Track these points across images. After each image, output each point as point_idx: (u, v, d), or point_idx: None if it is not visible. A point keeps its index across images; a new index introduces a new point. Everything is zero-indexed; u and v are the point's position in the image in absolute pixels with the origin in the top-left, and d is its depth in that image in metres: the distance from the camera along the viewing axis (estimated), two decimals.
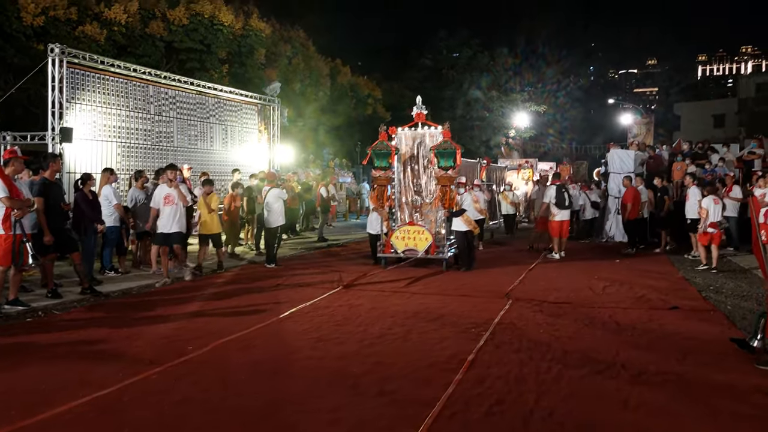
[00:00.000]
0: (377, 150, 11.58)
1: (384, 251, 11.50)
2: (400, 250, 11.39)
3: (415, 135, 12.22)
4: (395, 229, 11.60)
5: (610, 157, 16.61)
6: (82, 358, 5.82)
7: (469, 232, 11.20)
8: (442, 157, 11.02)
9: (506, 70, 41.67)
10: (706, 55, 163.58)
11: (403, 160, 12.20)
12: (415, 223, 11.65)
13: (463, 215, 11.08)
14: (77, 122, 12.42)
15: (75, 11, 17.56)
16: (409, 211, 12.21)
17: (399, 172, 12.23)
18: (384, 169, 11.56)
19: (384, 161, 11.56)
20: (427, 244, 11.23)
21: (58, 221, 8.43)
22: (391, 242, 11.46)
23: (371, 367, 5.41)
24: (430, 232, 11.37)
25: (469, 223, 11.08)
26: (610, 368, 5.37)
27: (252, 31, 23.51)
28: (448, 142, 11.12)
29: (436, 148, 11.13)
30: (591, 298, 8.52)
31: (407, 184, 12.30)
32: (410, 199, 12.23)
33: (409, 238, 11.38)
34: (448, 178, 10.97)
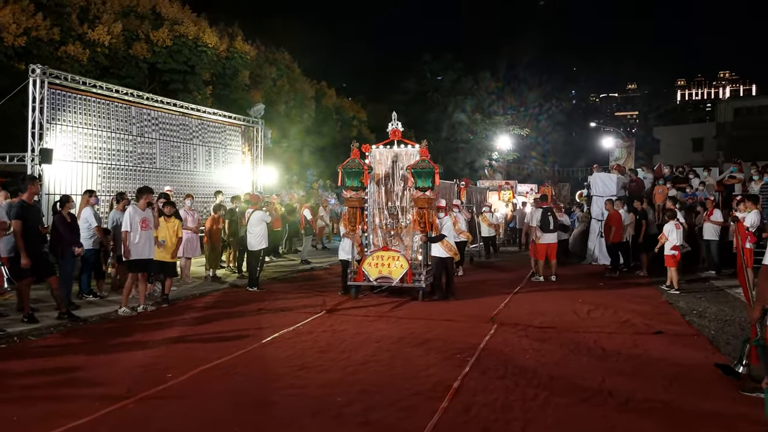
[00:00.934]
0: (348, 168, 10.71)
1: (355, 279, 10.57)
2: (372, 277, 10.43)
3: (391, 153, 11.39)
4: (368, 254, 10.71)
5: (593, 180, 16.75)
6: (57, 386, 5.64)
7: (448, 259, 10.51)
8: (420, 177, 10.20)
9: (489, 94, 42.16)
10: (685, 80, 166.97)
11: (377, 180, 11.32)
12: (389, 248, 10.76)
13: (443, 241, 10.41)
14: (57, 143, 12.26)
15: (58, 32, 17.47)
16: (383, 236, 11.27)
17: (373, 192, 11.32)
18: (356, 190, 10.69)
19: (356, 181, 10.67)
20: (402, 271, 10.35)
21: (36, 244, 8.25)
22: (363, 269, 10.52)
23: (356, 396, 5.30)
24: (406, 259, 10.49)
25: (449, 249, 10.44)
26: (596, 395, 5.32)
27: (236, 53, 23.56)
28: (425, 161, 10.29)
29: (413, 168, 10.29)
30: (576, 323, 8.50)
31: (382, 206, 11.34)
32: (385, 222, 11.31)
33: (383, 265, 10.45)
34: (426, 200, 10.19)
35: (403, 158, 11.24)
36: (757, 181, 14.41)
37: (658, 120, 74.91)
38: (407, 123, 40.16)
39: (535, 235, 12.89)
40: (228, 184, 17.09)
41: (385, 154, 11.41)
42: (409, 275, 10.34)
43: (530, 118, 44.31)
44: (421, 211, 10.22)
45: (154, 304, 9.56)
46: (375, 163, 11.32)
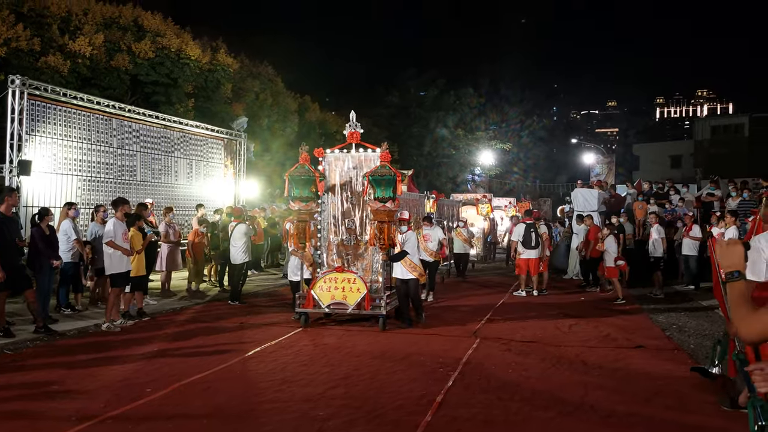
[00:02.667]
0: (296, 176, 9.28)
1: (304, 305, 9.10)
2: (324, 303, 8.97)
3: (349, 159, 9.91)
4: (319, 277, 9.22)
5: (575, 195, 16.93)
6: (33, 401, 5.51)
7: (412, 281, 9.30)
8: (379, 185, 8.80)
9: (471, 109, 42.58)
10: (664, 98, 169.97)
11: (332, 190, 9.88)
12: (344, 269, 9.28)
13: (406, 259, 9.18)
14: (36, 155, 12.11)
15: (38, 42, 17.30)
16: (338, 254, 9.74)
17: (327, 204, 9.85)
18: (305, 200, 9.27)
19: (305, 190, 9.29)
20: (359, 296, 8.88)
21: (13, 257, 8.10)
22: (312, 294, 9.03)
23: (338, 410, 5.26)
24: (363, 281, 9.03)
25: (413, 269, 9.22)
26: (578, 409, 5.33)
27: (219, 65, 23.52)
28: (386, 167, 8.87)
29: (372, 175, 8.86)
30: (558, 337, 8.53)
31: (338, 220, 9.86)
32: (341, 238, 9.77)
33: (336, 289, 9.00)
34: (387, 213, 8.73)
35: (363, 164, 9.76)
36: (735, 198, 14.65)
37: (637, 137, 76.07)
38: (390, 137, 40.53)
39: (516, 250, 12.97)
40: (209, 197, 16.99)
41: (342, 160, 9.88)
42: (367, 301, 8.89)
43: (512, 134, 44.83)
44: (380, 226, 8.81)
45: (131, 319, 9.43)
46: (330, 169, 9.86)
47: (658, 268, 12.65)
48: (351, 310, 8.99)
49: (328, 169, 9.90)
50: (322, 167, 9.83)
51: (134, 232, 9.49)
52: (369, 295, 8.94)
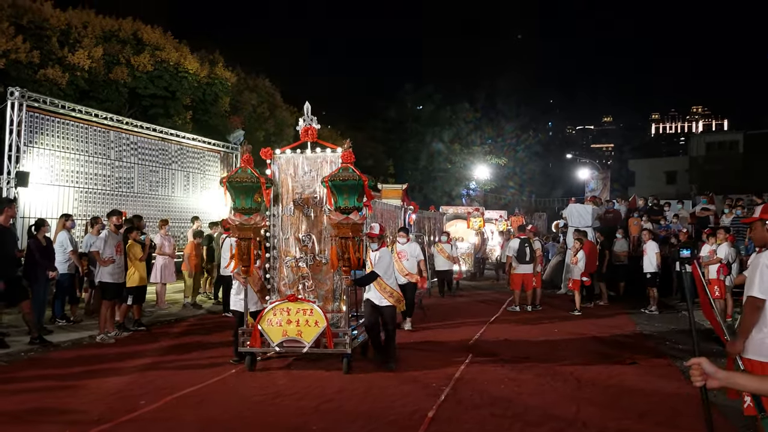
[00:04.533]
0: (235, 182, 7.31)
1: (249, 343, 7.29)
2: (274, 341, 7.17)
3: (304, 161, 8.00)
4: (268, 307, 7.38)
5: (569, 211, 17.03)
6: (27, 412, 5.53)
7: (386, 309, 7.55)
8: (340, 192, 7.03)
9: (467, 123, 42.81)
10: (659, 114, 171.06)
11: (284, 199, 8.03)
12: (299, 297, 7.43)
13: (379, 282, 7.48)
14: (34, 166, 12.14)
15: (38, 54, 17.38)
16: (294, 277, 7.88)
17: (278, 216, 8.02)
18: (248, 212, 7.36)
19: (248, 200, 7.35)
20: (317, 331, 7.09)
21: (10, 268, 8.13)
22: (260, 329, 7.21)
23: (331, 424, 5.28)
24: (323, 313, 7.17)
25: (389, 295, 7.53)
26: (571, 426, 5.35)
27: (217, 79, 23.64)
28: (349, 170, 7.03)
29: (331, 180, 7.02)
30: (551, 353, 8.55)
31: (290, 236, 7.97)
32: (297, 258, 7.89)
33: (289, 323, 7.17)
34: (351, 227, 7.01)
35: (322, 167, 7.90)
36: (728, 214, 14.76)
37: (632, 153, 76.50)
38: (386, 152, 40.67)
39: (510, 265, 13.03)
40: (206, 209, 17.02)
41: (295, 162, 8.04)
42: (328, 336, 7.10)
43: (508, 148, 45.06)
44: (343, 243, 7.06)
45: (126, 331, 9.45)
46: (281, 174, 8.04)
47: (652, 284, 12.72)
48: (308, 349, 7.15)
49: (279, 174, 8.04)
50: (271, 171, 8.00)
51: (131, 244, 9.54)
52: (330, 329, 7.15)
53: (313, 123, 7.93)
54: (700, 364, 2.39)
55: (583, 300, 13.36)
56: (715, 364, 2.40)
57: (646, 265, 12.73)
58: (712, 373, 2.37)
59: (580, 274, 12.59)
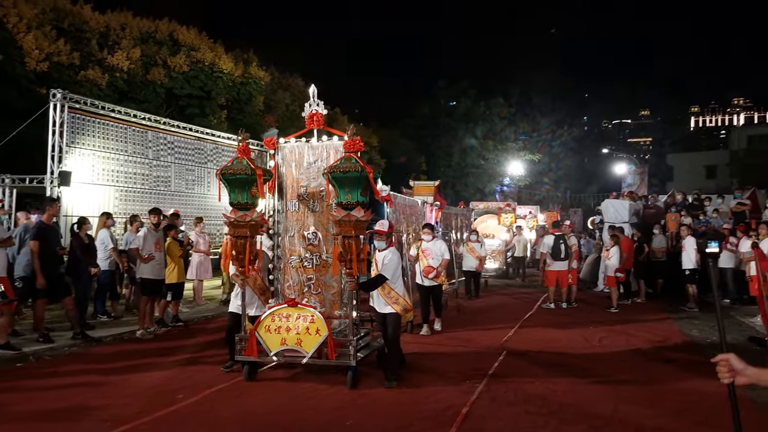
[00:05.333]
0: (230, 174, 6.54)
1: (245, 352, 6.62)
2: (272, 350, 6.51)
3: (310, 151, 7.30)
4: (266, 312, 6.69)
5: (605, 206, 16.74)
6: (70, 405, 5.70)
7: (391, 316, 6.67)
8: (342, 185, 6.28)
9: (501, 119, 42.44)
10: (699, 107, 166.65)
11: (288, 193, 7.38)
12: (299, 302, 6.72)
13: (385, 287, 6.63)
14: (76, 166, 12.50)
15: (78, 57, 17.89)
16: (299, 279, 7.25)
17: (282, 212, 7.39)
18: (244, 208, 6.62)
19: (244, 194, 6.61)
20: (318, 340, 6.37)
21: (53, 265, 8.40)
22: (257, 337, 6.56)
23: (365, 419, 5.32)
24: (324, 320, 6.47)
25: (393, 302, 6.64)
26: (607, 424, 5.28)
27: (251, 78, 23.97)
28: (352, 160, 6.23)
29: (331, 171, 6.28)
30: (587, 350, 8.44)
31: (295, 233, 7.32)
32: (302, 257, 7.25)
33: (288, 330, 6.48)
34: (353, 224, 6.23)
35: (327, 156, 7.20)
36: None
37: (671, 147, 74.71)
38: (418, 149, 40.58)
39: (545, 262, 12.89)
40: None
41: (299, 152, 7.35)
42: (330, 347, 6.37)
43: (543, 144, 44.49)
44: (345, 242, 6.30)
45: (164, 327, 9.66)
46: (285, 165, 7.42)
47: (691, 281, 12.44)
48: (308, 359, 6.44)
49: (284, 165, 7.41)
50: (275, 162, 7.41)
51: (171, 242, 9.75)
52: (332, 339, 6.42)
53: (319, 108, 7.13)
54: (728, 360, 2.31)
55: (621, 297, 13.13)
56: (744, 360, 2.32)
57: (685, 262, 12.45)
58: (741, 370, 2.29)
59: (614, 270, 12.43)
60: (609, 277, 12.70)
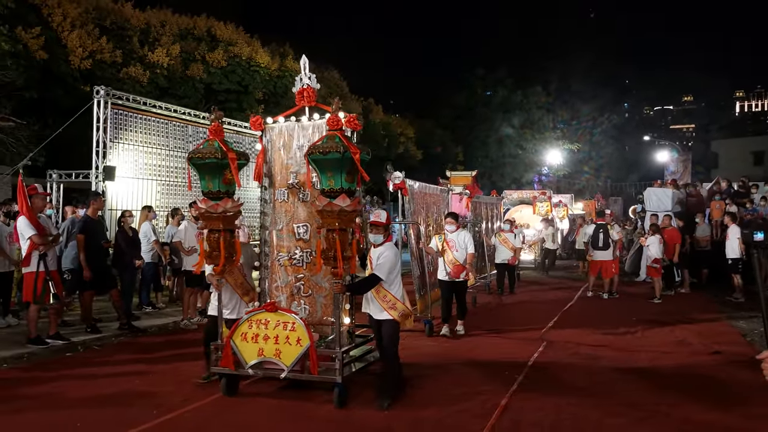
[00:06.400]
0: (198, 159, 5.66)
1: (221, 362, 5.73)
2: (248, 362, 5.61)
3: (298, 132, 6.48)
4: (243, 319, 5.77)
5: (647, 195, 16.37)
6: (117, 393, 5.89)
7: (387, 323, 5.68)
8: (323, 169, 5.39)
9: (539, 108, 41.81)
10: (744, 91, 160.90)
11: (277, 180, 6.59)
12: (278, 307, 5.78)
13: (379, 289, 5.65)
14: (119, 161, 12.82)
15: (120, 54, 18.30)
16: (288, 279, 6.43)
17: (270, 202, 6.62)
18: (217, 197, 5.77)
19: (215, 181, 5.75)
20: (299, 351, 5.46)
21: (99, 258, 8.66)
22: (231, 346, 5.68)
23: (402, 410, 5.33)
24: (306, 327, 5.53)
25: (390, 306, 5.64)
26: (652, 416, 5.18)
27: (287, 71, 24.12)
28: (335, 140, 5.26)
29: (311, 153, 5.33)
30: (630, 341, 8.30)
31: (285, 226, 6.50)
32: (289, 255, 6.44)
33: (266, 339, 5.60)
34: (338, 215, 5.29)
35: (316, 138, 6.16)
36: None
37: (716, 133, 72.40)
38: (454, 139, 40.28)
39: (588, 252, 12.75)
40: None
41: (288, 133, 6.53)
42: (312, 359, 5.43)
43: (583, 132, 43.62)
44: (330, 236, 5.34)
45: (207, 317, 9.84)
46: (273, 149, 6.61)
47: (736, 271, 12.08)
48: (287, 374, 5.52)
49: (271, 149, 6.63)
50: (263, 146, 6.63)
51: None
52: (314, 350, 5.46)
53: (311, 82, 6.22)
54: None
55: (664, 288, 12.85)
56: None
57: (729, 251, 12.08)
58: None
59: (652, 261, 12.17)
60: (650, 268, 12.49)
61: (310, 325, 5.86)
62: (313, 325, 5.99)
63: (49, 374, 6.57)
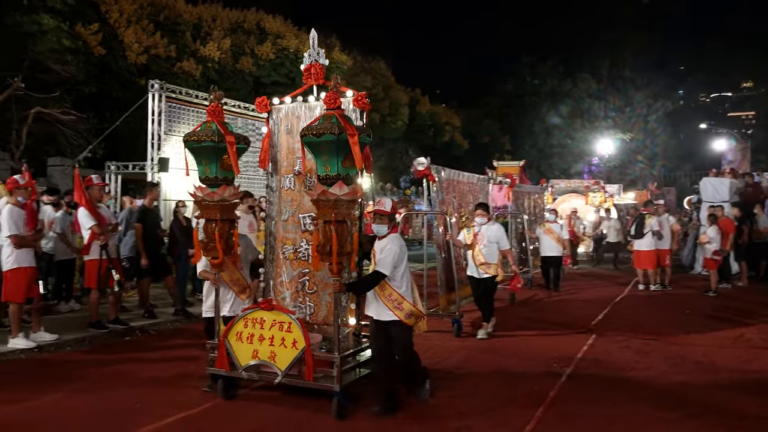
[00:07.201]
0: (194, 142, 5.22)
1: (216, 364, 5.36)
2: (242, 364, 5.19)
3: (305, 113, 5.96)
4: (238, 317, 5.33)
5: (703, 185, 15.82)
6: (173, 376, 6.14)
7: (395, 327, 5.11)
8: (318, 153, 4.88)
9: (590, 96, 40.83)
10: None
11: (283, 167, 6.13)
12: (275, 306, 5.29)
13: (384, 286, 5.07)
14: (173, 152, 13.19)
15: (174, 49, 18.82)
16: (293, 274, 6.00)
17: (275, 190, 6.17)
18: (215, 184, 5.29)
19: (213, 166, 5.27)
20: (294, 354, 4.98)
21: (155, 246, 8.98)
22: (226, 346, 5.28)
23: (448, 401, 5.36)
24: (303, 329, 5.01)
25: (396, 306, 5.05)
26: (707, 411, 5.06)
27: (334, 63, 24.29)
28: (333, 120, 4.70)
29: (304, 135, 4.82)
30: (683, 335, 8.07)
31: (291, 217, 6.04)
32: (295, 248, 6.00)
33: (261, 340, 5.15)
34: (333, 204, 4.75)
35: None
36: None
37: None
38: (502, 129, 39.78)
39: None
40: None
41: (295, 114, 6.06)
42: (308, 364, 4.94)
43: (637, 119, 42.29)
44: (327, 228, 4.78)
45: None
46: (279, 133, 6.14)
47: None
48: (281, 378, 5.05)
49: (277, 132, 6.15)
50: (269, 128, 6.14)
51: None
52: (310, 354, 4.95)
53: (319, 59, 5.65)
54: None
55: (720, 280, 12.46)
56: None
57: None
58: None
59: (712, 252, 11.71)
60: (707, 260, 12.07)
61: (314, 324, 5.61)
62: (317, 325, 5.69)
63: (110, 357, 6.89)
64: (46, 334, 7.22)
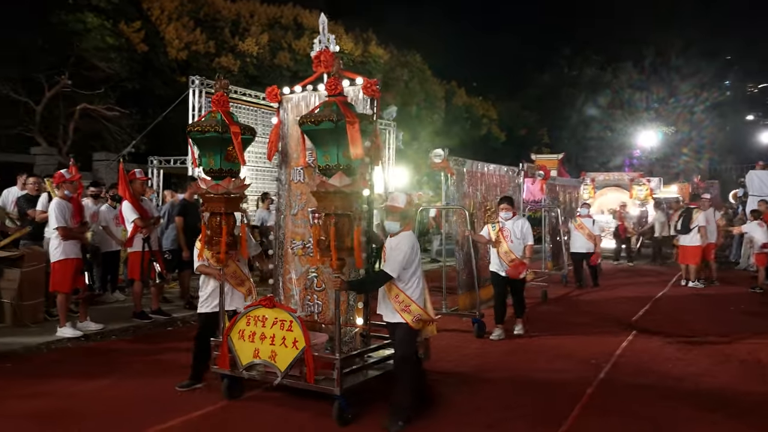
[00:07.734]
0: (197, 132, 4.99)
1: (218, 363, 5.23)
2: (243, 363, 5.04)
3: (318, 102, 5.39)
4: (240, 315, 5.14)
5: (749, 178, 15.38)
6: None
7: (401, 329, 4.77)
8: (318, 142, 4.65)
9: (630, 86, 39.85)
10: None
11: (292, 159, 5.87)
12: (277, 303, 5.09)
13: (391, 287, 4.78)
14: None
15: (213, 45, 19.14)
16: (302, 270, 5.75)
17: (284, 183, 5.95)
18: (219, 176, 5.14)
19: (217, 158, 5.10)
20: (294, 355, 4.76)
21: (194, 239, 9.14)
22: (228, 344, 5.13)
23: (490, 393, 5.36)
24: (303, 328, 4.78)
25: (404, 309, 4.73)
26: (752, 412, 4.93)
27: (371, 57, 24.38)
28: (333, 107, 4.46)
29: (303, 124, 4.59)
30: (726, 331, 7.86)
31: (300, 211, 5.81)
32: (303, 243, 5.73)
33: (263, 339, 4.96)
34: (333, 197, 4.56)
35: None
36: None
37: None
38: (539, 121, 39.16)
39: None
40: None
41: (306, 104, 5.82)
42: (309, 365, 4.71)
43: (682, 110, 41.03)
44: (327, 222, 4.59)
45: None
46: (290, 123, 5.88)
47: None
48: (281, 379, 4.86)
49: (287, 123, 5.92)
50: (279, 119, 5.93)
51: None
52: (311, 355, 4.71)
53: (330, 46, 5.22)
54: None
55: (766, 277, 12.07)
56: None
57: None
58: None
59: (761, 246, 11.35)
60: (757, 255, 11.69)
61: (322, 323, 5.46)
62: (325, 324, 5.48)
63: (152, 346, 7.10)
64: (92, 323, 7.48)
